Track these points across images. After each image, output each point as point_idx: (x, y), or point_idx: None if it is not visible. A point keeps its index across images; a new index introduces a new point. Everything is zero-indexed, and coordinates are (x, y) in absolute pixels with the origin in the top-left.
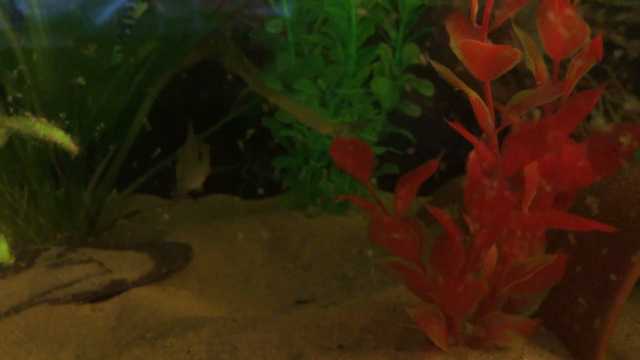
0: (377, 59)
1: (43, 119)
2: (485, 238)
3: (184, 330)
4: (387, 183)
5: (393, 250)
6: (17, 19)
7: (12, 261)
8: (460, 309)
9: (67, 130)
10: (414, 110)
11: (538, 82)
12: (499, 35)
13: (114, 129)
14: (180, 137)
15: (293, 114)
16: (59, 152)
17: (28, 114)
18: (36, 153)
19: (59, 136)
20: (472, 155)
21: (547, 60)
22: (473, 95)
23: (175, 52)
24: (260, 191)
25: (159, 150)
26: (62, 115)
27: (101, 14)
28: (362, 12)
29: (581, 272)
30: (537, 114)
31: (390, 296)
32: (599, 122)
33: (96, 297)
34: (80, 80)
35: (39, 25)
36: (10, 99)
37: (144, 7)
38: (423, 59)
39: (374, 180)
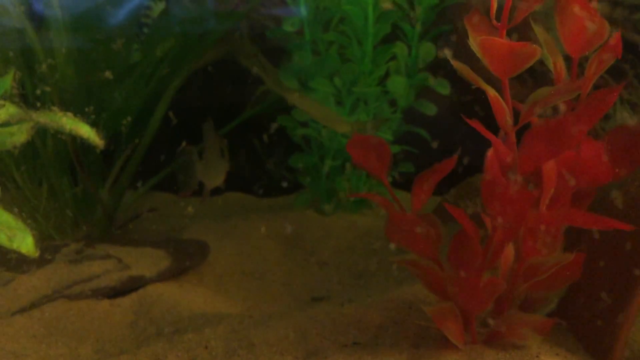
0: (394, 57)
1: (69, 113)
2: (503, 236)
3: (201, 326)
4: (402, 182)
5: (409, 247)
6: (35, 19)
7: (37, 254)
8: (476, 306)
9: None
10: (430, 109)
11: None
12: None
13: (132, 126)
14: (198, 134)
15: (310, 112)
16: (78, 149)
17: (55, 108)
18: (55, 150)
19: (85, 130)
20: (489, 152)
21: (566, 59)
22: (491, 92)
23: (192, 50)
24: (282, 187)
25: (183, 143)
26: (88, 109)
27: (119, 14)
28: (386, 5)
29: (604, 267)
30: (563, 108)
31: (407, 294)
32: (624, 115)
33: (114, 292)
34: (101, 76)
35: (59, 24)
36: (30, 96)
37: (161, 6)
38: (447, 53)
39: (389, 179)
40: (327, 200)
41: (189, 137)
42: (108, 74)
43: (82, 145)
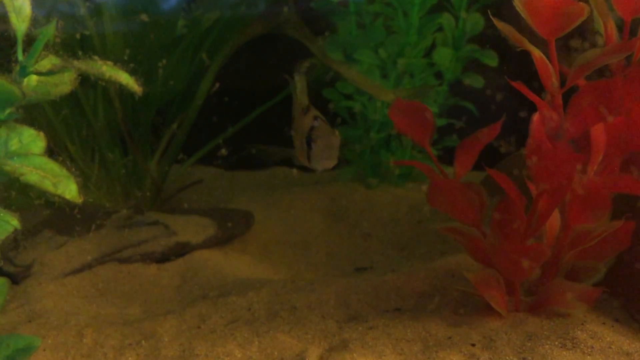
0: (440, 28)
1: (109, 62)
2: (548, 202)
3: (244, 290)
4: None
5: (452, 214)
6: None
7: (80, 201)
8: (520, 273)
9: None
10: (477, 81)
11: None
12: None
13: (180, 99)
14: (240, 110)
15: (354, 81)
16: (128, 121)
17: (95, 57)
18: (107, 122)
19: (124, 77)
20: (535, 116)
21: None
22: (537, 53)
23: (238, 23)
24: None
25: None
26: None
27: None
28: None
29: None
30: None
31: (450, 263)
32: None
33: (162, 257)
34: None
35: (110, 1)
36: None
37: None
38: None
39: (435, 152)
40: (372, 174)
41: (234, 112)
42: (154, 50)
43: (132, 117)
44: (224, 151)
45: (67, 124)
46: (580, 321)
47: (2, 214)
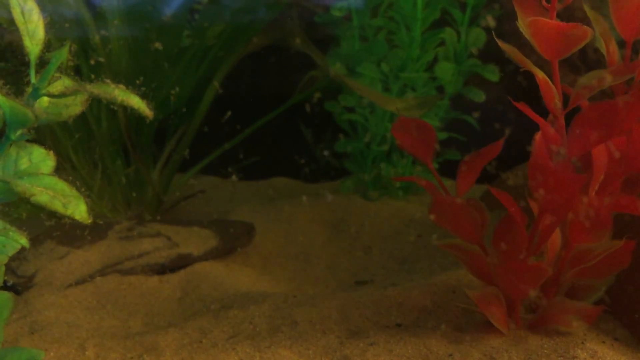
0: (442, 43)
1: (121, 85)
2: (549, 221)
3: (246, 304)
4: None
5: (454, 231)
6: (92, 7)
7: (90, 221)
8: (521, 292)
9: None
10: (478, 96)
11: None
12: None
13: (183, 110)
14: (244, 120)
15: (359, 91)
16: (131, 131)
17: (107, 80)
18: (110, 132)
19: (135, 101)
20: (537, 136)
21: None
22: (540, 74)
23: (242, 35)
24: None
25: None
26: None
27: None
28: None
29: None
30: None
31: (451, 279)
32: None
33: (164, 269)
34: (153, 62)
35: (115, 11)
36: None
37: None
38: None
39: (435, 165)
40: (373, 186)
41: (236, 122)
42: (158, 60)
43: (135, 128)
44: (234, 177)
45: (70, 133)
46: (580, 340)
47: (11, 233)
